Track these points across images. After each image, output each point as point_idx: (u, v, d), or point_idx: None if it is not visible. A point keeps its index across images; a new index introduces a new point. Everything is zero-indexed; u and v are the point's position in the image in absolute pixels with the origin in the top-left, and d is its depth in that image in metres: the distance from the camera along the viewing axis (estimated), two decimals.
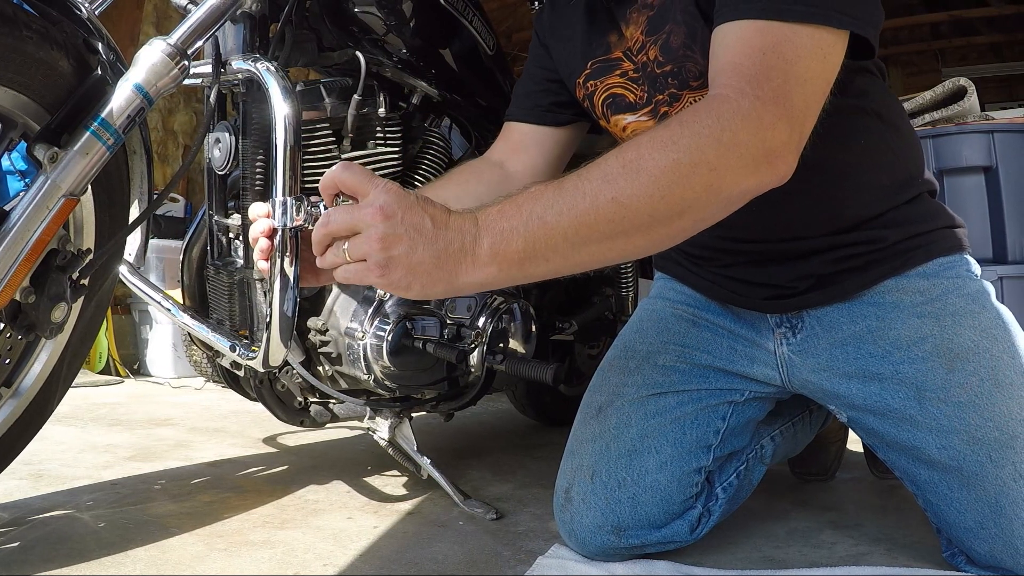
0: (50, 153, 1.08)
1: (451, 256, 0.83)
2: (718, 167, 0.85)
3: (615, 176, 0.84)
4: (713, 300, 1.34)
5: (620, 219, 0.84)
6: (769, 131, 0.87)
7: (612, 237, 0.85)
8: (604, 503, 1.22)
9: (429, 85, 1.68)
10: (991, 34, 7.39)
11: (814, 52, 0.92)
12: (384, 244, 0.81)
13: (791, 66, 0.90)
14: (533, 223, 0.83)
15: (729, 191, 0.88)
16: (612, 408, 1.29)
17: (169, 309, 1.53)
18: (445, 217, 0.84)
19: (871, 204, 1.21)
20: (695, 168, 0.84)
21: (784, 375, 1.28)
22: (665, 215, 0.85)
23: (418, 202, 0.83)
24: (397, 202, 0.82)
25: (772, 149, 0.88)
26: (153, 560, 1.23)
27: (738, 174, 0.87)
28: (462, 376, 1.68)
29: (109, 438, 2.23)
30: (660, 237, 0.88)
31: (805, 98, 0.91)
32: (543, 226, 0.83)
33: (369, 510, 1.51)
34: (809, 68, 0.92)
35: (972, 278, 1.21)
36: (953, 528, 1.13)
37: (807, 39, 0.92)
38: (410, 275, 0.82)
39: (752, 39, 0.92)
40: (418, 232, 0.82)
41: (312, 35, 1.50)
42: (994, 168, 2.63)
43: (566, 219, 0.83)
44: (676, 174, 0.84)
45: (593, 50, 1.27)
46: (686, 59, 1.14)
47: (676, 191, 0.84)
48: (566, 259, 0.86)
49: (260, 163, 1.41)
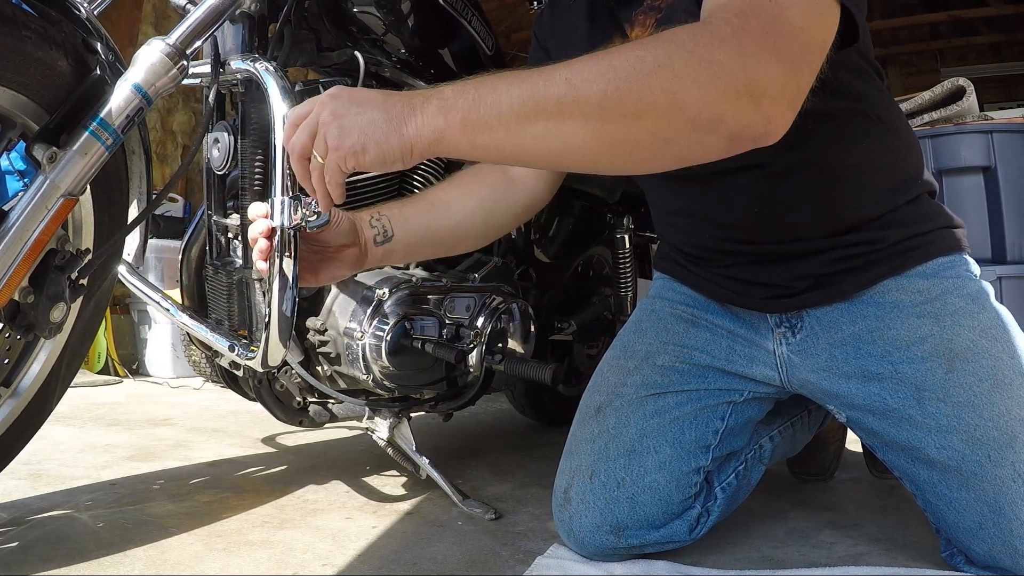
0: (49, 153, 1.08)
1: (401, 112, 0.88)
2: (682, 75, 0.79)
3: (576, 62, 0.83)
4: (712, 300, 1.34)
5: (569, 101, 0.81)
6: (752, 60, 0.79)
7: (557, 118, 0.82)
8: (603, 503, 1.22)
9: (428, 85, 1.67)
10: (990, 34, 7.39)
11: (810, 5, 0.86)
12: (334, 116, 0.89)
13: (783, 10, 0.83)
14: (484, 88, 0.85)
15: (695, 107, 0.79)
16: (611, 408, 1.29)
17: (168, 309, 1.53)
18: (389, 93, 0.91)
19: (870, 205, 1.21)
20: (657, 68, 0.79)
21: (783, 375, 1.28)
22: (617, 111, 0.80)
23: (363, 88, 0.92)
24: (339, 88, 0.92)
25: (756, 82, 0.79)
26: (152, 560, 1.23)
27: (707, 91, 0.79)
28: (461, 376, 1.68)
29: (108, 438, 2.23)
30: (611, 138, 0.83)
31: (799, 43, 0.83)
32: (492, 91, 0.85)
33: (368, 510, 1.51)
34: (805, 17, 0.84)
35: (971, 278, 1.21)
36: (952, 528, 1.13)
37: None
38: (364, 135, 0.88)
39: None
40: (365, 100, 0.90)
41: (311, 35, 1.50)
42: (993, 168, 2.63)
43: (516, 89, 0.84)
44: (635, 70, 0.79)
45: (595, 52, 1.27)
46: None
47: (632, 86, 0.79)
48: (510, 132, 0.84)
49: (259, 163, 1.41)
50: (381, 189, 1.57)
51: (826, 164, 1.18)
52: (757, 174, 1.18)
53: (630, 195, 2.14)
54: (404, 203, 1.28)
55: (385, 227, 1.20)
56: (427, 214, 1.26)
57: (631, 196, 2.14)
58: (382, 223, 1.20)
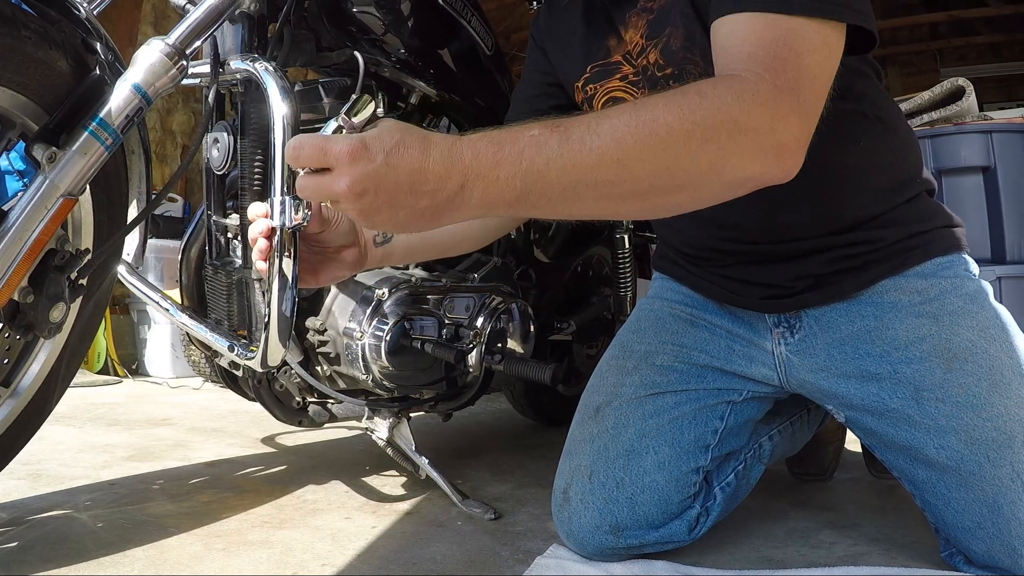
0: (48, 153, 1.08)
1: (436, 209, 0.80)
2: (727, 147, 0.83)
3: (625, 137, 0.81)
4: (711, 300, 1.34)
5: (621, 182, 0.82)
6: (782, 121, 0.85)
7: (607, 198, 0.84)
8: (602, 503, 1.22)
9: (427, 85, 1.68)
10: (990, 34, 7.40)
11: (821, 46, 0.91)
12: (365, 215, 0.79)
13: (802, 59, 0.89)
14: (531, 176, 0.80)
15: (733, 174, 0.86)
16: (610, 408, 1.29)
17: (167, 309, 1.53)
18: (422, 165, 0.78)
19: (870, 205, 1.21)
20: (706, 144, 0.82)
21: (782, 375, 1.28)
22: (665, 186, 0.84)
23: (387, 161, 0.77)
24: (366, 175, 0.77)
25: (783, 142, 0.86)
26: (151, 560, 1.23)
27: (745, 159, 0.85)
28: (460, 376, 1.68)
29: (107, 438, 2.23)
30: (653, 206, 0.89)
31: (815, 93, 0.89)
32: (541, 179, 0.80)
33: (367, 510, 1.51)
34: (819, 63, 0.90)
35: (970, 278, 1.21)
36: (951, 528, 1.13)
37: (814, 34, 0.91)
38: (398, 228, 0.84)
39: (761, 31, 0.91)
40: (396, 198, 0.78)
41: (310, 35, 1.50)
42: (992, 168, 2.63)
43: (567, 176, 0.81)
44: (687, 147, 0.82)
45: (592, 54, 1.27)
46: (686, 62, 1.15)
47: (682, 164, 0.83)
48: (555, 209, 0.85)
49: (259, 163, 1.41)
50: None
51: (824, 164, 1.17)
52: None
53: None
54: None
55: None
56: None
57: None
58: None
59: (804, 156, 0.89)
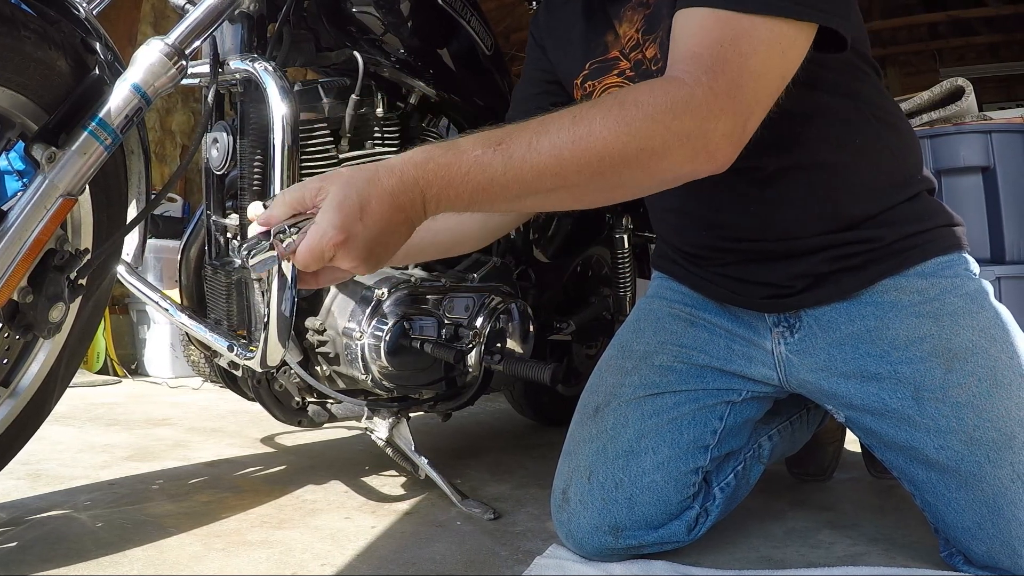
0: (48, 153, 1.08)
1: (404, 229, 0.87)
2: (660, 153, 0.89)
3: (563, 153, 0.87)
4: (711, 299, 1.34)
5: (560, 188, 0.89)
6: (713, 123, 0.89)
7: (551, 194, 0.90)
8: (601, 504, 1.22)
9: (427, 85, 1.67)
10: (989, 34, 7.41)
11: (772, 47, 0.93)
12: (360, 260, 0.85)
13: (746, 60, 0.92)
14: (479, 192, 0.87)
15: (664, 175, 0.93)
16: (609, 408, 1.29)
17: (167, 309, 1.53)
18: (383, 208, 0.84)
19: (869, 203, 1.21)
20: (640, 152, 0.88)
21: (782, 375, 1.28)
22: (602, 188, 0.92)
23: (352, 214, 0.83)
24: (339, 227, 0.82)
25: (713, 141, 0.90)
26: (151, 560, 1.23)
27: (676, 161, 0.90)
28: (460, 376, 1.68)
29: (107, 438, 2.23)
30: (591, 201, 0.97)
31: (757, 92, 0.93)
32: (488, 193, 0.87)
33: (367, 510, 1.51)
34: (765, 63, 0.93)
35: (971, 277, 1.21)
36: (951, 528, 1.13)
37: (766, 32, 0.93)
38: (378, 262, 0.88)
39: (712, 29, 0.93)
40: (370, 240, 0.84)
41: (310, 35, 1.50)
42: (992, 168, 2.63)
43: (512, 187, 0.87)
44: (622, 157, 0.88)
45: (591, 50, 1.27)
46: None
47: (617, 170, 0.89)
48: (509, 205, 0.92)
49: (258, 163, 1.41)
50: None
51: (819, 163, 1.18)
52: (747, 177, 1.17)
53: None
54: None
55: None
56: None
57: None
58: None
59: (737, 150, 0.93)
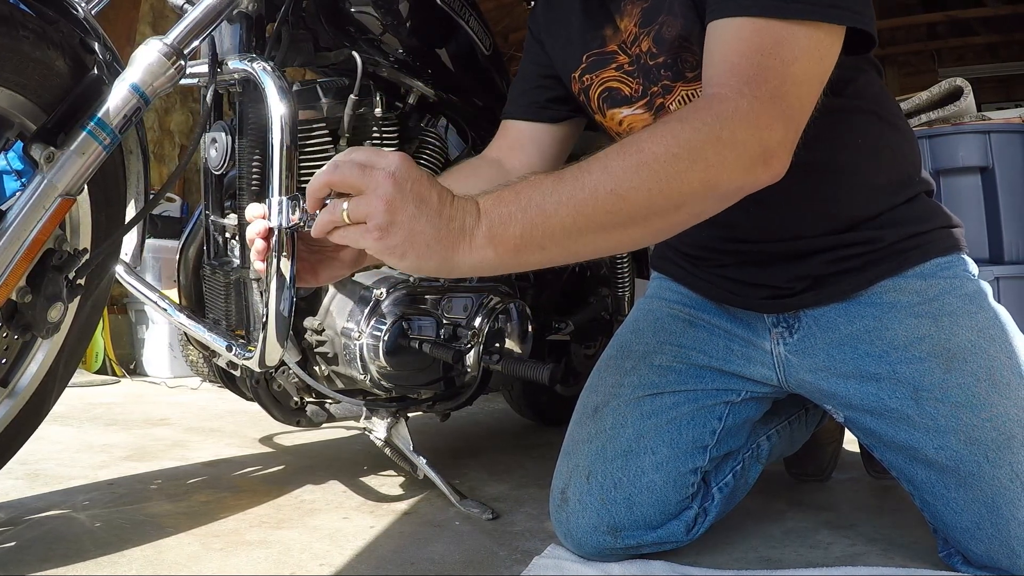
0: (46, 153, 1.08)
1: (451, 233, 0.82)
2: (715, 164, 0.87)
3: (615, 169, 0.85)
4: (710, 300, 1.34)
5: (618, 211, 0.85)
6: (766, 131, 0.89)
7: (609, 228, 0.86)
8: (600, 504, 1.22)
9: (425, 85, 1.68)
10: (988, 34, 7.42)
11: (811, 52, 0.93)
12: (389, 207, 0.80)
13: (788, 67, 0.92)
14: (532, 211, 0.83)
15: (725, 187, 0.89)
16: (608, 408, 1.29)
17: (165, 309, 1.53)
18: (450, 196, 0.84)
19: (869, 204, 1.21)
20: (693, 164, 0.86)
21: (781, 375, 1.28)
22: (662, 208, 0.87)
23: (426, 176, 0.83)
24: (408, 171, 0.81)
25: (768, 149, 0.90)
26: (149, 560, 1.23)
27: (734, 172, 0.88)
28: (458, 376, 1.68)
29: (105, 438, 2.23)
30: (656, 229, 0.91)
31: (800, 98, 0.93)
32: (541, 214, 0.83)
33: (365, 510, 1.51)
34: (806, 69, 0.93)
35: (969, 278, 1.21)
36: (950, 528, 1.13)
37: (804, 39, 0.93)
38: (407, 243, 0.81)
39: (751, 38, 0.93)
40: (424, 203, 0.81)
41: (308, 35, 1.50)
42: (991, 168, 2.63)
43: (564, 209, 0.83)
44: (675, 169, 0.85)
45: (588, 44, 1.27)
46: (683, 50, 1.14)
47: (674, 185, 0.85)
48: (563, 248, 0.86)
49: (256, 163, 1.41)
50: None
51: (825, 162, 1.18)
52: None
53: None
54: None
55: None
56: None
57: None
58: None
59: (791, 156, 0.93)
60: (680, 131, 0.87)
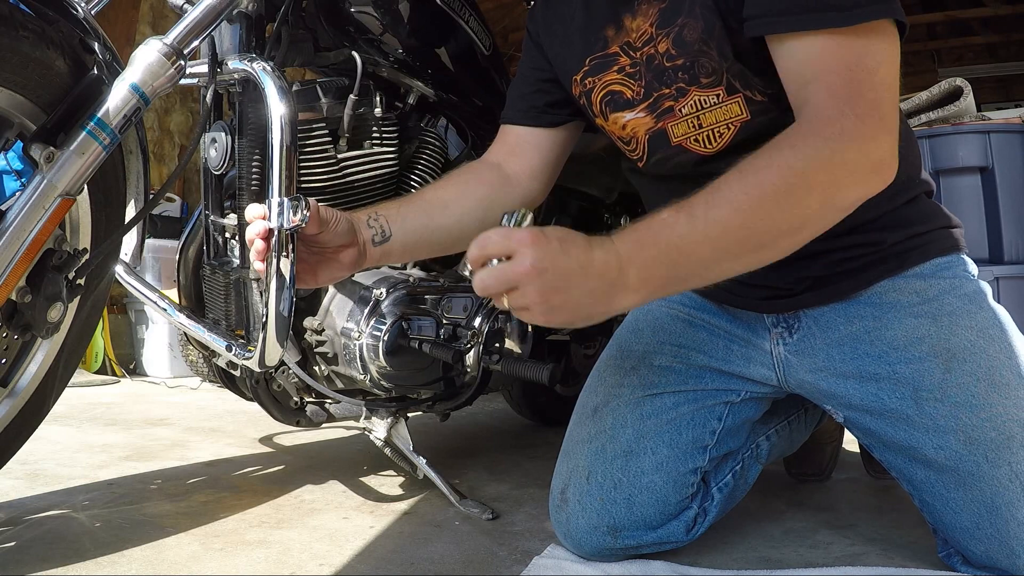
0: (46, 153, 1.08)
1: (604, 291, 0.90)
2: (831, 185, 0.94)
3: (741, 204, 0.92)
4: (709, 300, 1.34)
5: (748, 240, 0.93)
6: (871, 143, 0.95)
7: (741, 255, 0.95)
8: (600, 504, 1.22)
9: (425, 85, 1.68)
10: (987, 34, 7.42)
11: (887, 54, 0.99)
12: (544, 297, 0.87)
13: (875, 76, 0.97)
14: (672, 253, 0.91)
15: (843, 203, 0.97)
16: (608, 409, 1.29)
17: (165, 309, 1.53)
18: (588, 254, 0.89)
19: (870, 207, 1.19)
20: (811, 191, 0.93)
21: (780, 375, 1.28)
22: (788, 231, 0.95)
23: (561, 246, 0.88)
24: (545, 255, 0.87)
25: (877, 159, 0.97)
26: (149, 560, 1.23)
27: (849, 189, 0.96)
28: (458, 376, 1.68)
29: (105, 438, 2.23)
30: (784, 248, 0.98)
31: (891, 101, 0.99)
32: (681, 254, 0.91)
33: (365, 510, 1.51)
34: (888, 72, 0.98)
35: (969, 279, 1.21)
36: (949, 528, 1.13)
37: (878, 43, 0.98)
38: (572, 315, 0.90)
39: (835, 55, 0.98)
40: (570, 279, 0.87)
41: (308, 35, 1.50)
42: (990, 168, 2.63)
43: (701, 247, 0.92)
44: (795, 197, 0.93)
45: (590, 46, 1.25)
46: (700, 54, 1.13)
47: (796, 211, 0.94)
48: (701, 278, 0.97)
49: (256, 163, 1.41)
50: (378, 189, 1.57)
51: None
52: None
53: (627, 195, 2.14)
54: (401, 202, 1.28)
55: (383, 227, 1.20)
56: (425, 214, 1.26)
57: (628, 196, 2.15)
58: (380, 223, 1.20)
59: (897, 159, 1.00)
60: (793, 160, 0.93)
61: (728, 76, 1.12)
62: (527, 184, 1.36)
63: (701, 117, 1.16)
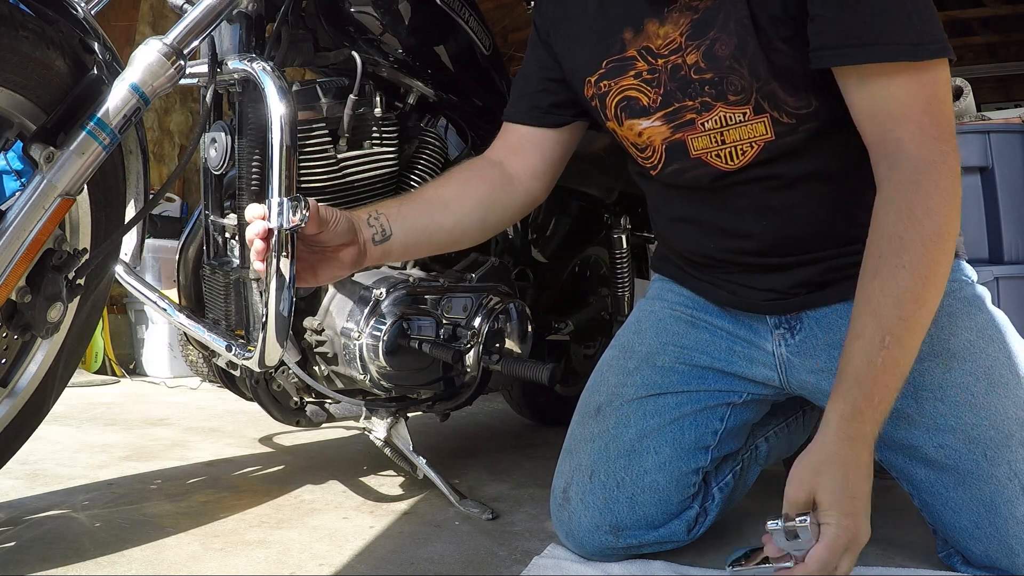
0: (46, 153, 1.08)
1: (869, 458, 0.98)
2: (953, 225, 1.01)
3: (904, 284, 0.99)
4: (711, 302, 1.34)
5: (927, 319, 1.01)
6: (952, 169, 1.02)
7: (922, 334, 1.01)
8: (602, 503, 1.22)
9: (425, 85, 1.68)
10: (987, 35, 7.42)
11: (947, 84, 1.05)
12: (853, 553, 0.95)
13: (946, 105, 1.04)
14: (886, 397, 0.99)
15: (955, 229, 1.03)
16: (611, 408, 1.29)
17: (165, 309, 1.53)
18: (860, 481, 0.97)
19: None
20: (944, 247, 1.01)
21: (782, 376, 1.28)
22: (941, 281, 1.02)
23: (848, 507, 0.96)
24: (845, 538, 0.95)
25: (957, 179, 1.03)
26: (149, 560, 1.23)
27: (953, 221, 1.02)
28: (458, 376, 1.67)
29: (105, 438, 2.23)
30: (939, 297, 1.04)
31: (953, 124, 1.06)
32: (890, 391, 0.99)
33: (365, 510, 1.51)
34: (951, 100, 1.06)
35: (968, 283, 1.21)
36: (949, 528, 1.13)
37: (942, 74, 1.03)
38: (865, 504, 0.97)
39: (916, 92, 1.02)
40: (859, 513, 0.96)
41: (308, 35, 1.50)
42: (990, 169, 2.63)
43: (902, 366, 0.99)
44: (937, 264, 1.00)
45: (607, 48, 1.23)
46: (731, 71, 1.11)
47: (942, 268, 1.01)
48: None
49: (256, 163, 1.41)
50: (378, 189, 1.57)
51: (833, 171, 1.16)
52: (766, 185, 1.17)
53: (627, 195, 2.14)
54: (402, 201, 1.27)
55: (383, 226, 1.20)
56: (425, 213, 1.26)
57: (628, 196, 2.15)
58: (380, 222, 1.20)
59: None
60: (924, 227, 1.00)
61: (758, 96, 1.11)
62: (528, 183, 1.36)
63: (724, 133, 1.15)
